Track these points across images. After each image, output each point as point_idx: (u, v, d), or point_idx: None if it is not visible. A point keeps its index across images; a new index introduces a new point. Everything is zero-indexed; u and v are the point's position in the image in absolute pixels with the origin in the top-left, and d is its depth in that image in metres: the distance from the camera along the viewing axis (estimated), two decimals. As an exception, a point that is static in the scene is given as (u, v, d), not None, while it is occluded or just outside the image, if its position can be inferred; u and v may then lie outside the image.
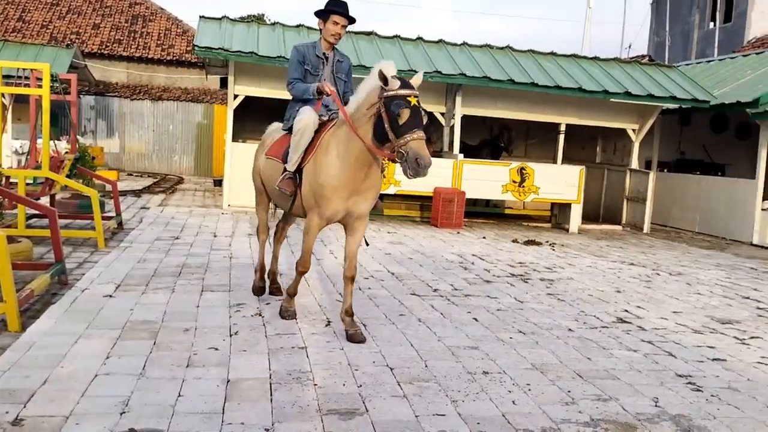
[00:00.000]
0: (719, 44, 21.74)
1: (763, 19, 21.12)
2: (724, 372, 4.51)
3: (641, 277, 8.06)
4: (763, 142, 12.27)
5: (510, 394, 3.78)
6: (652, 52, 24.80)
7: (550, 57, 13.08)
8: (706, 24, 23.20)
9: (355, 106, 4.48)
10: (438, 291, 6.39)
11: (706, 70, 16.16)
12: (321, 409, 3.39)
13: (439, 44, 12.75)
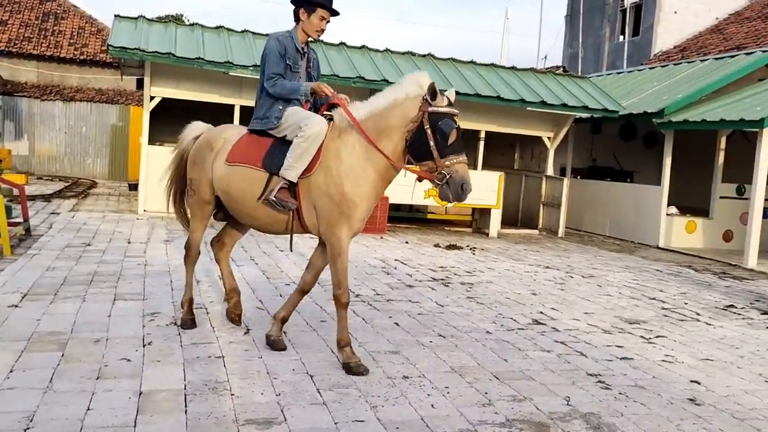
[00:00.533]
0: (628, 57, 22.81)
1: (668, 33, 22.33)
2: (631, 370, 4.72)
3: (556, 279, 8.33)
4: (668, 151, 12.95)
5: (429, 397, 3.83)
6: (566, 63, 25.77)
7: (470, 66, 13.37)
8: (616, 37, 24.31)
9: (369, 114, 4.16)
10: (360, 296, 6.40)
11: (616, 82, 16.91)
12: (238, 419, 3.33)
13: (362, 50, 12.81)
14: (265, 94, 4.51)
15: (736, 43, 19.61)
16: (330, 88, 4.40)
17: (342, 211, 4.14)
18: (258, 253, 8.36)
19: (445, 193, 4.02)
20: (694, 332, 6.07)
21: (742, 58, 13.96)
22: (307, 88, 4.42)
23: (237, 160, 4.48)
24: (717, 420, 3.87)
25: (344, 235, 4.17)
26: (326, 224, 4.20)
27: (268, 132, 4.50)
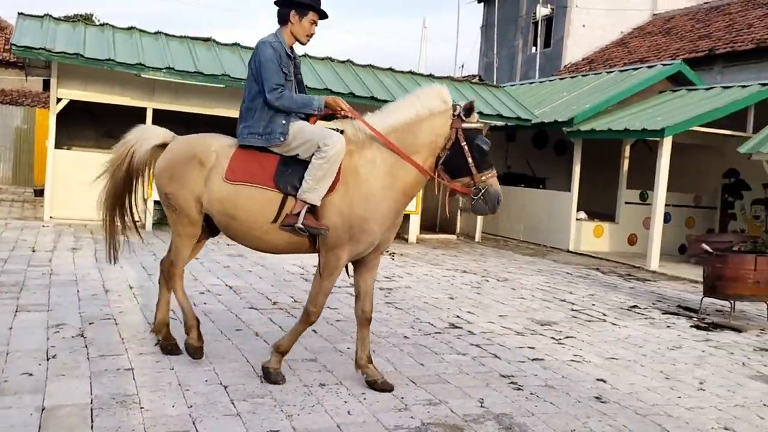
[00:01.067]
0: (540, 68, 23.63)
1: (577, 46, 23.30)
2: (542, 371, 4.88)
3: (472, 283, 8.51)
4: (577, 158, 13.50)
5: (346, 404, 3.83)
6: (482, 72, 26.44)
7: (388, 72, 13.50)
8: (529, 49, 25.16)
9: (390, 129, 4.03)
10: (278, 304, 6.33)
11: (529, 91, 17.48)
12: (148, 433, 3.22)
13: (280, 55, 12.72)
14: (264, 107, 4.10)
15: (639, 57, 20.67)
16: (346, 104, 4.17)
17: (352, 234, 3.96)
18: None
19: (482, 207, 4.07)
20: (600, 332, 6.34)
21: (645, 71, 14.73)
22: (320, 102, 4.12)
23: (241, 178, 4.06)
24: (621, 417, 4.05)
25: (344, 256, 4.01)
26: (332, 244, 3.98)
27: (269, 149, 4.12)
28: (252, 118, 4.15)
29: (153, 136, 4.51)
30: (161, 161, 4.36)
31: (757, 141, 11.50)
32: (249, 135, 4.14)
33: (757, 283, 7.27)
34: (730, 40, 18.32)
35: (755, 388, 4.91)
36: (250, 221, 4.06)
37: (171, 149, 4.37)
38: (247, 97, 4.22)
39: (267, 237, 4.08)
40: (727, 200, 14.49)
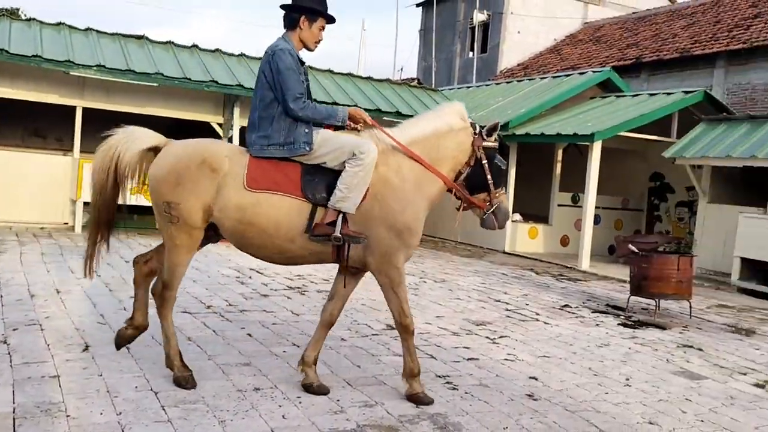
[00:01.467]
0: (477, 72, 24.04)
1: (512, 51, 23.83)
2: (477, 370, 4.96)
3: (410, 285, 8.57)
4: (512, 162, 13.78)
5: (281, 408, 3.80)
6: (420, 76, 26.71)
7: (327, 74, 13.48)
8: (466, 53, 25.57)
9: (411, 141, 4.14)
10: (212, 307, 6.22)
11: (466, 95, 17.75)
12: (73, 442, 3.12)
13: (216, 53, 12.52)
14: (281, 116, 4.00)
15: (571, 63, 21.30)
16: (368, 116, 4.19)
17: (403, 241, 4.03)
18: (101, 264, 7.87)
19: (492, 221, 4.33)
20: (533, 331, 6.49)
21: (576, 78, 15.18)
22: (345, 113, 4.12)
23: (264, 186, 3.92)
24: (552, 413, 4.16)
25: (402, 264, 4.07)
26: (383, 255, 4.00)
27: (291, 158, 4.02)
28: (269, 127, 4.01)
29: (142, 138, 4.13)
30: (162, 167, 3.99)
31: (681, 146, 12.03)
32: (270, 146, 4.01)
33: (680, 282, 7.59)
34: (656, 49, 19.09)
35: (678, 383, 5.13)
36: (272, 230, 3.93)
37: (173, 153, 4.03)
38: (259, 105, 4.08)
39: (291, 246, 3.98)
40: (652, 203, 15.10)
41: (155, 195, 4.01)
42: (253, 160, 3.99)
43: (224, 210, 3.92)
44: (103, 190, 4.10)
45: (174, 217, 3.94)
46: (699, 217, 12.23)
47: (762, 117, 11.67)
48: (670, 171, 14.11)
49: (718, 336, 7.03)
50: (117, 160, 4.05)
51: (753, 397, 4.89)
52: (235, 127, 11.94)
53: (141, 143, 4.10)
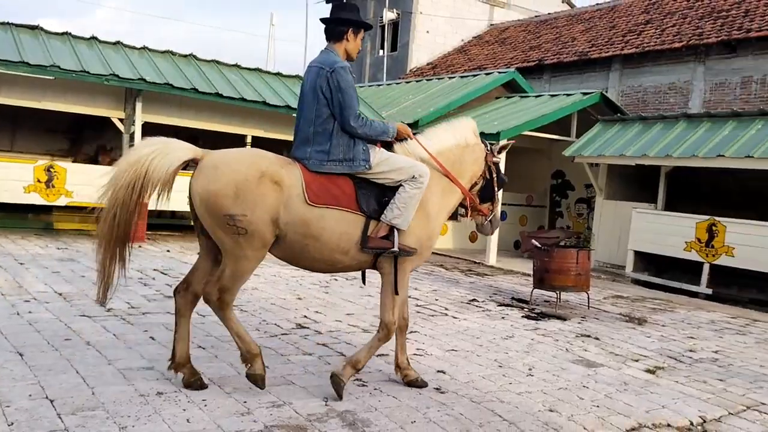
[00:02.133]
0: (387, 70, 24.26)
1: (421, 51, 24.20)
2: (386, 366, 5.01)
3: (321, 283, 8.56)
4: (422, 159, 13.98)
5: (185, 412, 3.70)
6: (331, 73, 26.65)
7: (234, 69, 13.20)
8: (377, 51, 25.74)
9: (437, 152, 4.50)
10: (112, 310, 5.98)
11: (377, 93, 17.88)
12: (-43, 458, 2.92)
13: (117, 46, 12.01)
14: (339, 132, 4.11)
15: (478, 64, 21.85)
16: (410, 130, 4.51)
17: (421, 252, 4.33)
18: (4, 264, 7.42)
19: (487, 228, 4.91)
20: (442, 326, 6.63)
21: (483, 78, 15.60)
22: (395, 129, 4.35)
23: (325, 201, 4.02)
24: (458, 405, 4.26)
25: (409, 270, 4.39)
26: (401, 263, 4.27)
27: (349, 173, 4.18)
28: (327, 143, 4.11)
29: (180, 149, 3.98)
30: (217, 180, 3.88)
31: (580, 145, 12.60)
32: (329, 162, 4.11)
33: (578, 275, 7.96)
34: (557, 52, 19.89)
35: (576, 371, 5.37)
36: (335, 243, 4.08)
37: (226, 165, 3.93)
38: (316, 120, 4.14)
39: (344, 258, 4.17)
40: (554, 199, 15.74)
41: (213, 208, 3.89)
42: (309, 174, 4.07)
43: (290, 224, 3.97)
44: (126, 206, 3.91)
45: (240, 229, 3.89)
46: (596, 212, 12.86)
47: (652, 118, 12.40)
48: (571, 169, 14.76)
49: (613, 325, 7.42)
50: (148, 176, 3.87)
51: (644, 383, 5.19)
52: (137, 122, 11.51)
53: (178, 157, 3.96)
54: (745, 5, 17.06)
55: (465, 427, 3.88)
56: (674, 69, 16.90)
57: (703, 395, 4.99)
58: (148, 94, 11.50)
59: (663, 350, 6.39)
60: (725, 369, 5.88)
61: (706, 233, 10.32)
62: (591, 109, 13.61)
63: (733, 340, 7.22)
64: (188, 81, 11.64)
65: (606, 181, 12.70)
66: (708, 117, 11.45)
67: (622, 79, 17.97)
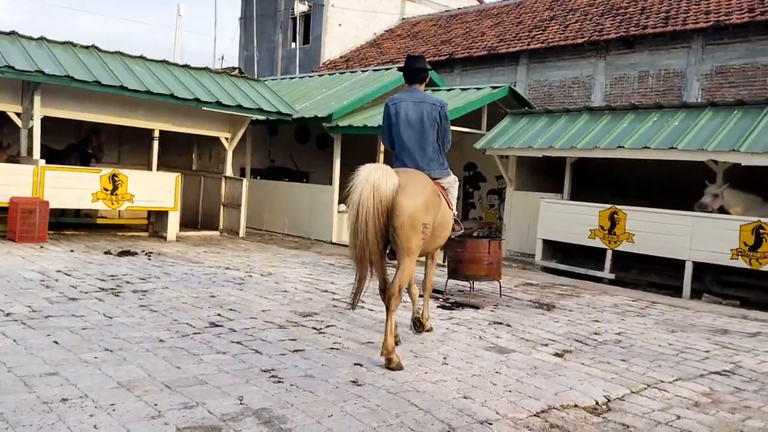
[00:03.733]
0: (300, 63, 24.05)
1: (333, 44, 24.13)
2: (302, 361, 4.98)
3: (235, 280, 8.40)
4: (337, 153, 13.99)
5: (91, 418, 3.55)
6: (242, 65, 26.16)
7: (140, 61, 12.72)
8: (289, 44, 25.46)
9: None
10: (12, 314, 5.65)
11: (290, 86, 17.69)
12: None
13: (12, 36, 11.32)
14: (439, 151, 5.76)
15: (390, 57, 22.00)
16: None
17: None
18: None
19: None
20: (359, 319, 6.65)
21: (396, 71, 15.68)
22: None
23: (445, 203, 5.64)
24: (375, 397, 4.29)
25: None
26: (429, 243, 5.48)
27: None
28: (440, 157, 5.76)
29: (393, 174, 5.01)
30: (419, 196, 5.06)
31: (490, 138, 12.93)
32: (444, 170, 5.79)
33: (491, 264, 8.18)
34: (467, 46, 20.30)
35: (489, 357, 5.52)
36: (442, 232, 5.59)
37: (422, 185, 5.20)
38: (432, 142, 5.64)
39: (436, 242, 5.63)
40: (467, 191, 16.09)
41: (413, 219, 5.00)
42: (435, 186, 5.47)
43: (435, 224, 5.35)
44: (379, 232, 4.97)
45: (426, 234, 5.16)
46: (507, 203, 13.25)
47: (558, 111, 12.88)
48: (482, 161, 15.14)
49: (524, 312, 7.68)
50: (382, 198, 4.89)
51: (553, 366, 5.40)
52: (36, 116, 10.91)
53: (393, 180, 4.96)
54: (641, 2, 17.98)
55: (381, 418, 3.91)
56: (577, 64, 17.62)
57: (608, 375, 5.24)
58: (47, 87, 10.92)
59: (570, 334, 6.67)
60: (627, 350, 6.19)
61: (609, 221, 10.83)
62: (500, 103, 13.98)
63: (634, 322, 7.63)
64: (90, 73, 11.13)
65: (516, 173, 13.10)
66: (609, 110, 12.01)
67: (529, 74, 18.55)
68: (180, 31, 24.27)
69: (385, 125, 5.75)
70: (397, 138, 5.67)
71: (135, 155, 14.70)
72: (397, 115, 5.64)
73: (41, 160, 11.00)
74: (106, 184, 11.47)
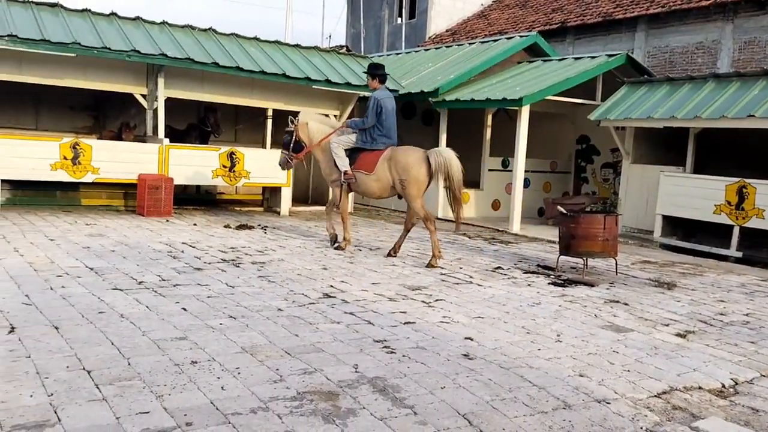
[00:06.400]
0: (406, 38, 23.99)
1: (440, 17, 23.86)
2: (413, 333, 5.04)
3: (345, 253, 8.59)
4: (443, 128, 13.91)
5: (219, 380, 3.76)
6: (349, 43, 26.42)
7: (254, 42, 13.14)
8: (395, 19, 25.44)
9: None
10: (144, 283, 6.07)
11: (395, 62, 17.70)
12: (2, 426, 3.01)
13: (137, 21, 11.99)
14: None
15: (498, 29, 21.50)
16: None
17: None
18: (24, 243, 7.56)
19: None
20: (467, 294, 6.64)
21: (504, 43, 15.35)
22: None
23: None
24: (487, 371, 4.28)
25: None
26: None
27: None
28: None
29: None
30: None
31: (605, 109, 12.40)
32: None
33: (606, 241, 7.88)
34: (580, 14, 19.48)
35: (605, 336, 5.36)
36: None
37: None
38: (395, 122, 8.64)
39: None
40: (579, 165, 15.56)
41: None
42: None
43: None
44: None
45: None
46: (623, 177, 12.69)
47: (680, 79, 12.14)
48: (596, 133, 14.56)
49: (642, 290, 7.37)
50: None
51: (675, 347, 5.17)
52: (160, 98, 11.55)
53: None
54: (775, -41, 16.51)
55: (494, 392, 3.90)
56: (702, 28, 16.49)
57: (735, 358, 4.95)
58: (169, 70, 11.52)
59: (693, 314, 6.34)
60: (756, 332, 5.82)
61: (736, 196, 10.15)
62: (616, 72, 13.35)
63: (765, 302, 7.14)
64: (209, 55, 11.62)
65: (633, 145, 12.51)
66: (737, 76, 11.18)
67: (648, 40, 17.58)
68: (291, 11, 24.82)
69: (374, 113, 8.26)
70: (384, 123, 8.32)
71: (250, 133, 15.27)
72: (384, 107, 8.29)
73: (165, 139, 11.65)
74: (224, 162, 12.02)
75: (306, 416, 3.36)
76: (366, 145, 8.41)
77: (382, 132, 8.33)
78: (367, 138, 8.41)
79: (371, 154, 8.38)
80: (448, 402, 3.70)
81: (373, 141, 8.38)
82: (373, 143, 8.38)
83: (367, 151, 8.41)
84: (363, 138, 8.44)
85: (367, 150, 8.40)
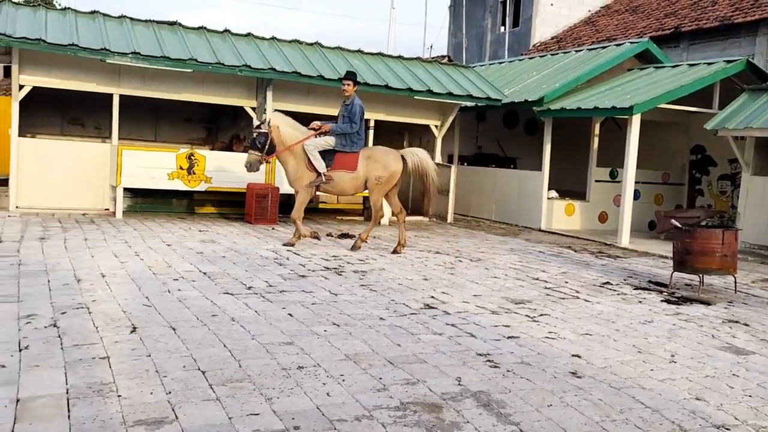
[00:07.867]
0: (509, 47, 23.69)
1: (545, 25, 23.40)
2: (517, 348, 4.94)
3: (446, 264, 8.56)
4: (547, 138, 13.60)
5: (324, 386, 3.84)
6: (451, 53, 26.42)
7: (357, 54, 13.41)
8: (498, 28, 25.18)
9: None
10: (252, 288, 6.30)
11: (498, 71, 17.52)
12: (126, 421, 3.20)
13: (248, 38, 12.54)
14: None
15: (607, 35, 20.83)
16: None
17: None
18: (144, 248, 8.03)
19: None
20: (574, 309, 6.43)
21: (613, 49, 14.85)
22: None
23: None
24: (596, 390, 4.12)
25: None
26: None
27: None
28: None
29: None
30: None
31: (723, 117, 11.72)
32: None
33: (724, 257, 7.42)
34: (696, 18, 18.55)
35: (724, 358, 5.04)
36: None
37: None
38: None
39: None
40: (694, 176, 14.76)
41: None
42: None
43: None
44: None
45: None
46: (742, 189, 11.93)
47: (808, 85, 11.28)
48: (712, 143, 13.78)
49: (764, 310, 6.88)
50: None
51: (803, 372, 4.78)
52: (268, 110, 11.99)
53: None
54: None
55: (605, 413, 3.75)
56: (833, 30, 15.28)
57: None
58: (277, 83, 11.95)
59: (824, 338, 5.84)
60: None
61: None
62: (735, 78, 12.59)
63: None
64: (314, 68, 11.96)
65: (754, 156, 11.73)
66: None
67: (771, 44, 16.46)
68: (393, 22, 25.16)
69: (360, 119, 8.98)
70: (362, 127, 9.11)
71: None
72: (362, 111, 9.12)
73: (273, 149, 12.03)
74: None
75: (410, 427, 3.36)
76: (345, 148, 8.97)
77: (360, 135, 9.08)
78: (347, 141, 8.98)
79: (350, 154, 8.97)
80: (555, 421, 3.59)
81: (353, 144, 9.02)
82: (353, 146, 9.01)
83: (344, 152, 8.96)
84: (343, 141, 8.97)
85: (346, 152, 8.97)
